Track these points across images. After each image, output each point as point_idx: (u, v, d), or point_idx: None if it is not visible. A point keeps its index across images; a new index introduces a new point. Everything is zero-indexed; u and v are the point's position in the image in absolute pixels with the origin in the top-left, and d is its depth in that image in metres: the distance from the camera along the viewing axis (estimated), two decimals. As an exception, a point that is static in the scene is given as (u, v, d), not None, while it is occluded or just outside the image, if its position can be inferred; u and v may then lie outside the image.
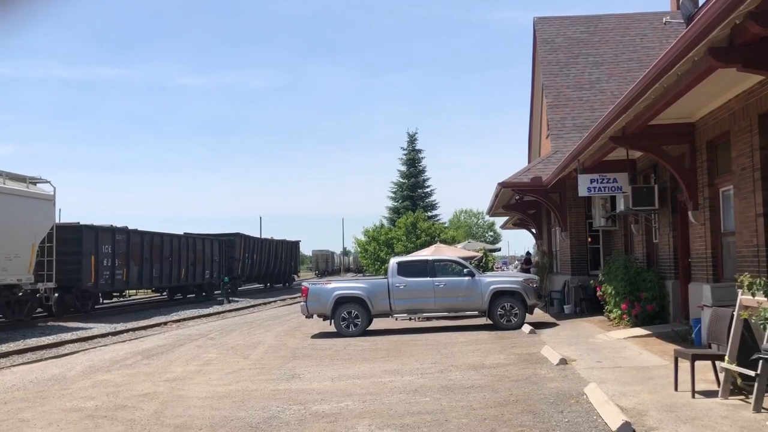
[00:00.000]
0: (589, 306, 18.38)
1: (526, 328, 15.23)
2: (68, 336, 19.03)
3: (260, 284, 50.94)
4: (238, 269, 41.30)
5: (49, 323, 22.77)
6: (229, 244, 40.65)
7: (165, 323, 22.96)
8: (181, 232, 35.64)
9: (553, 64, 23.53)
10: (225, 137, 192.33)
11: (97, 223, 27.66)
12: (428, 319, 17.39)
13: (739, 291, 7.15)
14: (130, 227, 30.54)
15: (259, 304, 32.80)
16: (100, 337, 18.82)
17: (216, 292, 38.39)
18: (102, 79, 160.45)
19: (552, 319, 17.65)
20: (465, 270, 16.37)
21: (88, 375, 11.56)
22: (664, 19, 21.14)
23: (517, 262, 51.29)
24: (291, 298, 36.51)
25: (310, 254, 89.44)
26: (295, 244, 57.26)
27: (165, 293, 36.68)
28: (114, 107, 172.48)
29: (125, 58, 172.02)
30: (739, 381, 7.35)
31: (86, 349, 15.94)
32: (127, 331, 20.44)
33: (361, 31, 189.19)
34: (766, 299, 6.54)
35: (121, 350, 15.15)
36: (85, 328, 21.17)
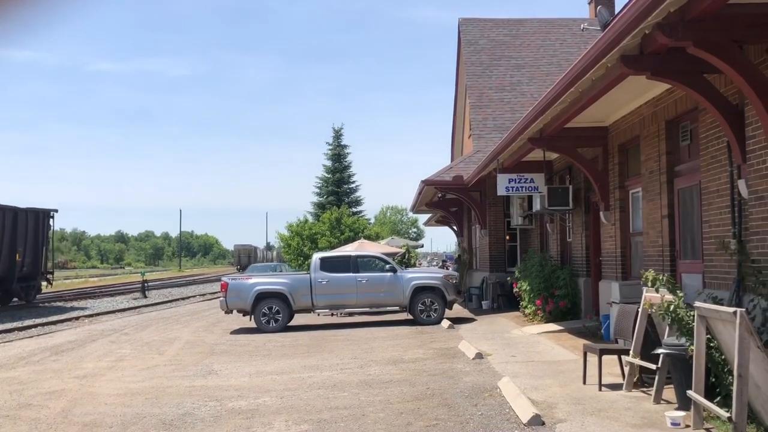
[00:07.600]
0: (506, 302, 18.86)
1: (445, 323, 15.50)
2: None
3: None
4: None
5: None
6: None
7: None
8: None
9: (477, 65, 23.98)
10: (143, 126, 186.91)
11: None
12: (350, 314, 17.43)
13: (644, 288, 7.51)
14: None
15: None
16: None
17: None
18: (12, 62, 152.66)
19: (470, 315, 18.01)
20: (387, 266, 16.49)
21: (-9, 372, 11.01)
22: (582, 26, 21.91)
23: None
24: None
25: (232, 249, 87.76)
26: (39, 216, 27.26)
27: None
28: (25, 91, 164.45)
29: (37, 40, 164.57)
30: (636, 375, 7.72)
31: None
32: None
33: (286, 23, 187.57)
34: (668, 294, 6.89)
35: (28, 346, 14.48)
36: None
